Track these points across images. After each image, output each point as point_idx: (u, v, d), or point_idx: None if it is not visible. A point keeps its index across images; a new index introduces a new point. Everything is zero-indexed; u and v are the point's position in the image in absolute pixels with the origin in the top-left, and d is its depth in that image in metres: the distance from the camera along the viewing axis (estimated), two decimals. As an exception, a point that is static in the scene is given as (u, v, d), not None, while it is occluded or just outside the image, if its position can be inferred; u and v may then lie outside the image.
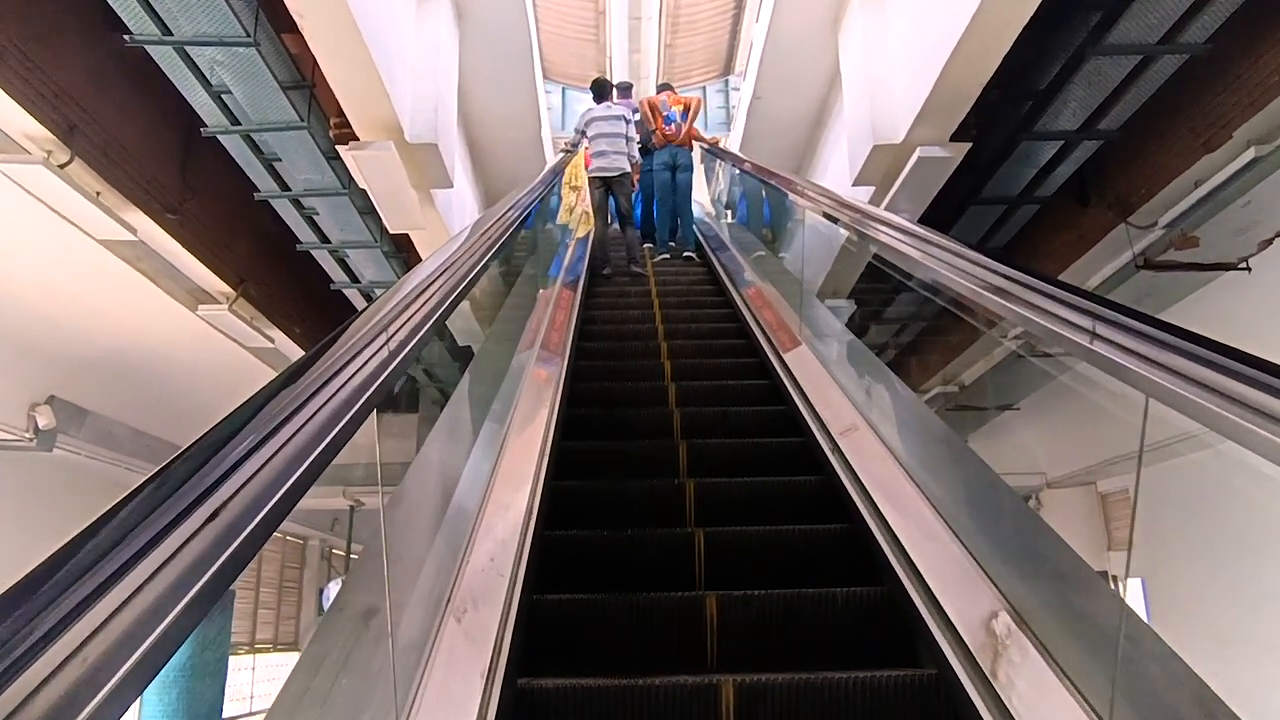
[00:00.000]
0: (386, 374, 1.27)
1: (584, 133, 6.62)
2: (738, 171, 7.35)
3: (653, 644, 2.03)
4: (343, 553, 16.37)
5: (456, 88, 6.01)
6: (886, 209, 4.46)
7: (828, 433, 2.92)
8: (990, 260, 1.91)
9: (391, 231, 5.98)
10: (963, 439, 3.00)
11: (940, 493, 2.17)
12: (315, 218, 6.56)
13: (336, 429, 1.00)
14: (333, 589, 11.79)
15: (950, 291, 2.10)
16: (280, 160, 5.69)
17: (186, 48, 4.47)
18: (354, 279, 7.72)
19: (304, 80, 5.04)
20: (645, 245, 7.27)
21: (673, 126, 7.13)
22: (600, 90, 6.86)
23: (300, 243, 6.90)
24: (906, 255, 2.39)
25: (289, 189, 6.10)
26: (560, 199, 7.02)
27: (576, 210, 7.89)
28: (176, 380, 9.09)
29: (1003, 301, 1.76)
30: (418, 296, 1.58)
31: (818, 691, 1.74)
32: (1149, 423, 1.34)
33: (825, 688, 1.74)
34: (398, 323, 1.40)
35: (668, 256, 7.23)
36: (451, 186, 5.76)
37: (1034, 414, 10.94)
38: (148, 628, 0.60)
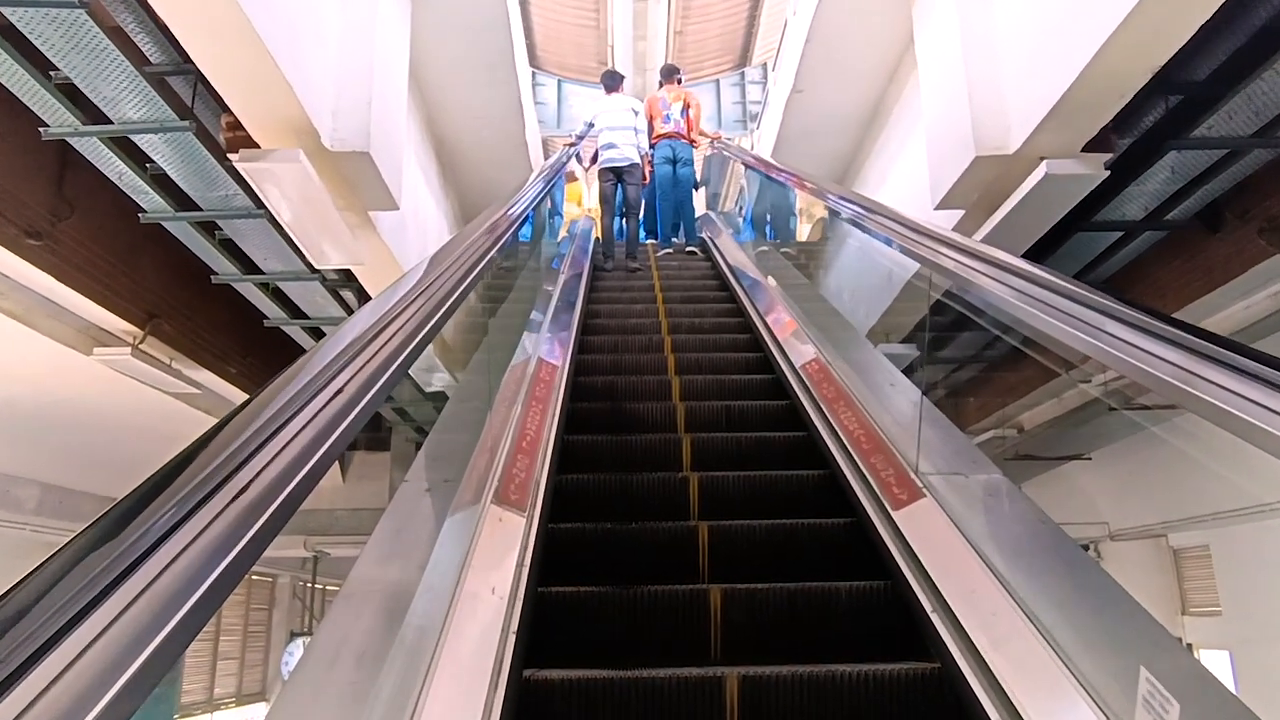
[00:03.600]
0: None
1: (591, 124, 6.64)
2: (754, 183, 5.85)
3: (657, 636, 2.03)
4: (320, 586, 15.11)
5: (406, 75, 4.52)
6: (986, 241, 3.02)
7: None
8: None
9: (318, 268, 4.50)
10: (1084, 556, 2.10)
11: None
12: (236, 243, 5.11)
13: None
14: (295, 651, 10.32)
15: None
16: (166, 172, 4.23)
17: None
18: (296, 314, 6.27)
19: (185, 63, 3.57)
20: (649, 240, 7.36)
21: (671, 124, 6.93)
22: (610, 82, 6.91)
23: (216, 274, 5.45)
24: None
25: (196, 207, 4.65)
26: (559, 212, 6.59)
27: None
28: (97, 430, 7.71)
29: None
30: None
31: (822, 685, 1.75)
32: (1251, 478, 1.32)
33: (829, 680, 1.75)
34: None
35: (671, 251, 7.17)
36: (396, 208, 4.28)
37: (1098, 458, 9.69)
38: None
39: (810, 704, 1.74)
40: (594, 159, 7.11)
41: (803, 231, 6.19)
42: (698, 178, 7.69)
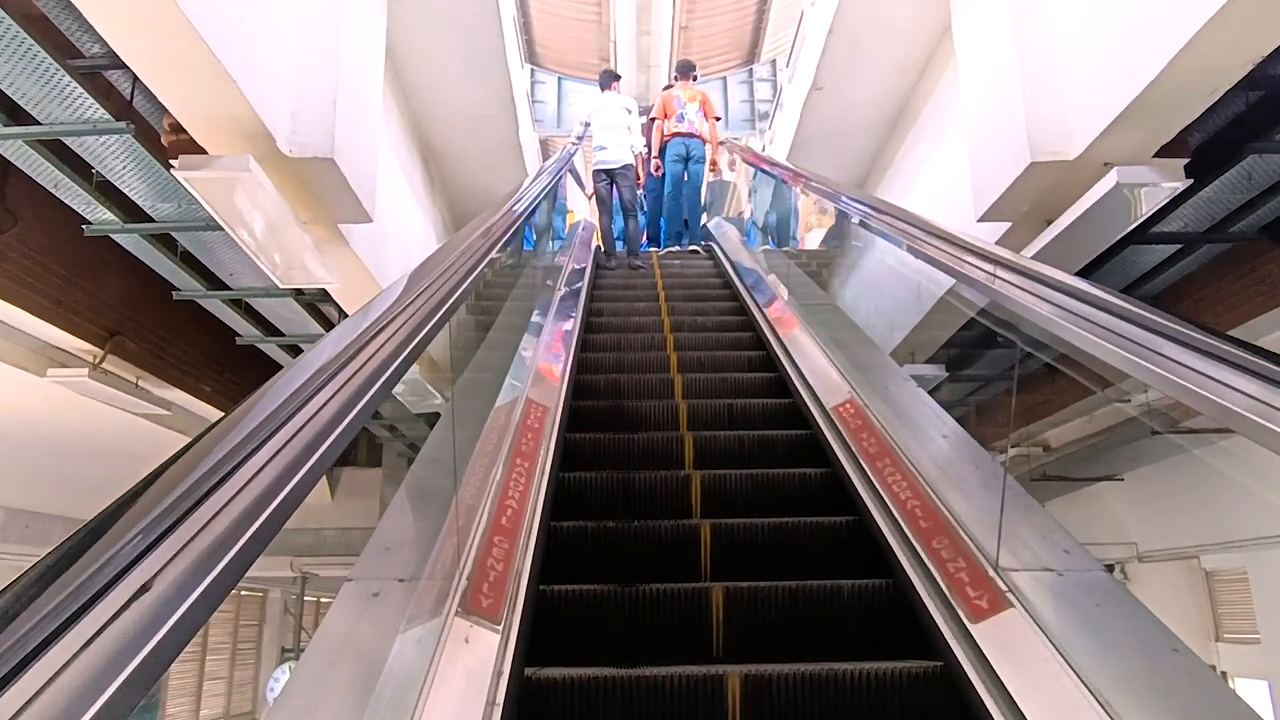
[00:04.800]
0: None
1: (587, 124, 6.44)
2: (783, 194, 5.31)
3: (659, 634, 1.99)
4: (313, 598, 14.69)
5: (381, 71, 4.03)
6: (1041, 259, 2.53)
7: None
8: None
9: (283, 287, 4.01)
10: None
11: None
12: (198, 257, 4.62)
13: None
14: (281, 676, 9.84)
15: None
16: (116, 180, 3.74)
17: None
18: (272, 330, 5.79)
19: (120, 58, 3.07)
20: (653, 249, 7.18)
21: (685, 123, 6.78)
22: (604, 80, 6.68)
23: (177, 290, 4.96)
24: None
25: (149, 219, 4.16)
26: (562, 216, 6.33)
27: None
28: (67, 452, 7.27)
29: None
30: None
31: (823, 683, 1.72)
32: None
33: (831, 679, 1.72)
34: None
35: (676, 248, 7.06)
36: (369, 221, 3.78)
37: (1127, 475, 9.26)
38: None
39: (811, 701, 1.73)
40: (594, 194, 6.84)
41: (813, 240, 5.68)
42: (702, 202, 7.55)
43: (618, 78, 6.88)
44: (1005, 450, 2.38)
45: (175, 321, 5.87)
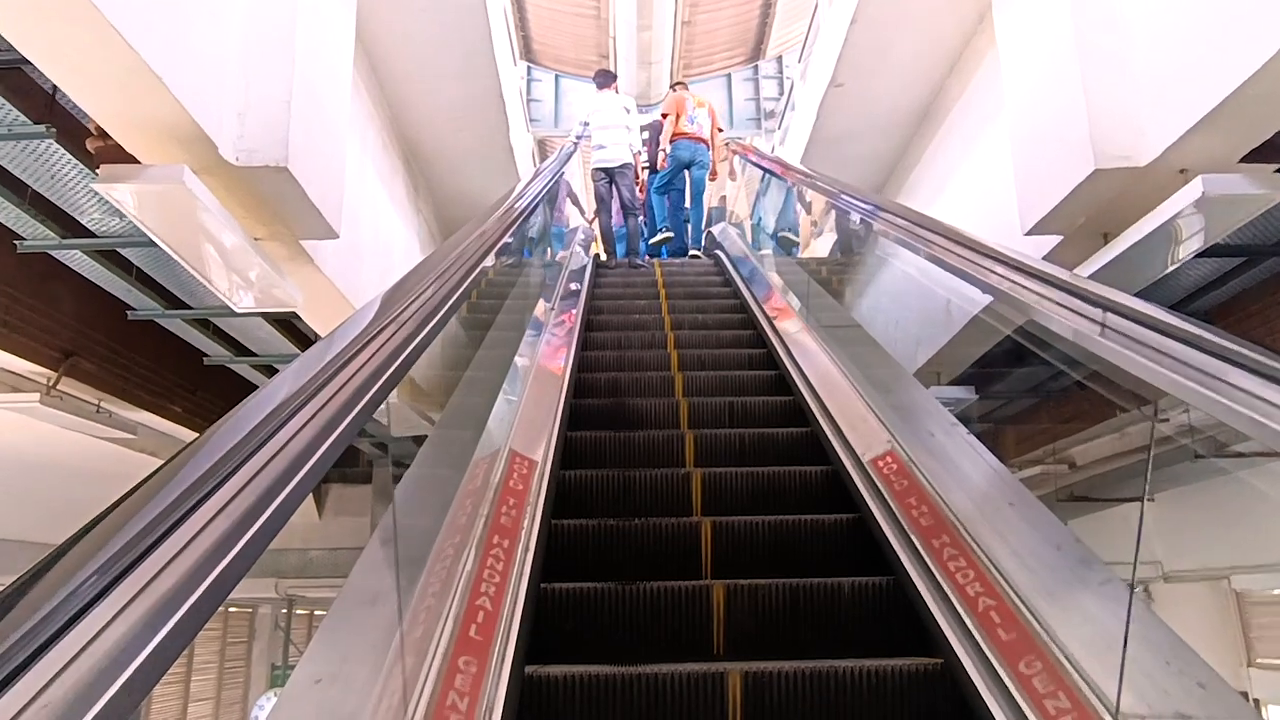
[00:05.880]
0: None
1: (586, 124, 6.40)
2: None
3: (660, 632, 1.95)
4: (305, 611, 14.28)
5: (349, 65, 3.56)
6: (1100, 279, 2.08)
7: None
8: None
9: (238, 312, 3.56)
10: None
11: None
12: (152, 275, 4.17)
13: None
14: (265, 705, 9.40)
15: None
16: (44, 191, 3.29)
17: None
18: (243, 350, 5.34)
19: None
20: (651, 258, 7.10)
21: (695, 126, 6.75)
22: (601, 79, 6.68)
23: (132, 309, 4.52)
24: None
25: (90, 233, 3.71)
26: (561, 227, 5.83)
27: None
28: (33, 474, 6.83)
29: None
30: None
31: (824, 680, 1.69)
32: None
33: (831, 676, 1.69)
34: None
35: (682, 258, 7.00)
36: (335, 236, 3.33)
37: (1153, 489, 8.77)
38: None
39: (812, 699, 1.71)
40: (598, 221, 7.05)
41: (823, 248, 5.21)
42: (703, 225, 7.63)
43: (614, 77, 6.94)
44: (1133, 563, 1.92)
45: (140, 341, 5.43)
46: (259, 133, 2.85)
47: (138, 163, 2.76)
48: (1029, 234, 3.42)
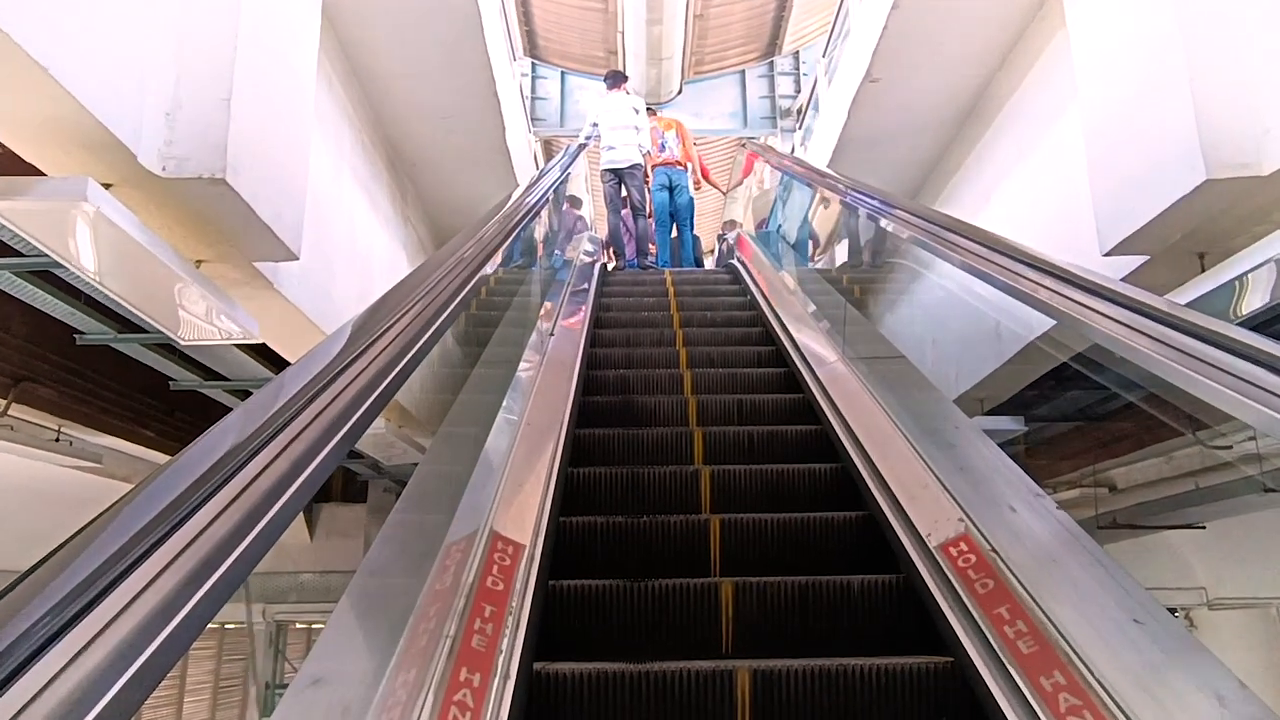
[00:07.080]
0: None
1: (596, 125, 6.41)
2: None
3: (669, 629, 1.92)
4: (304, 626, 13.86)
5: (313, 54, 3.06)
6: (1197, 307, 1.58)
7: None
8: None
9: (183, 346, 3.07)
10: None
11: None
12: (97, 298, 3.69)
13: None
14: (255, 732, 8.92)
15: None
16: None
17: None
18: (212, 374, 4.87)
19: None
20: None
21: (668, 152, 6.90)
22: (611, 79, 6.69)
23: (80, 334, 4.04)
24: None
25: (15, 252, 3.23)
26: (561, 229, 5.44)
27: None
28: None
29: None
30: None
31: (833, 678, 1.67)
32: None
33: (840, 674, 1.67)
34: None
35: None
36: (294, 258, 2.84)
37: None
38: None
39: (822, 697, 1.67)
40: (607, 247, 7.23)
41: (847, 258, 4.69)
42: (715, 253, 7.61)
43: (625, 78, 6.91)
44: None
45: (100, 365, 4.95)
46: (190, 138, 2.36)
47: (41, 174, 2.28)
48: (1109, 254, 2.90)
